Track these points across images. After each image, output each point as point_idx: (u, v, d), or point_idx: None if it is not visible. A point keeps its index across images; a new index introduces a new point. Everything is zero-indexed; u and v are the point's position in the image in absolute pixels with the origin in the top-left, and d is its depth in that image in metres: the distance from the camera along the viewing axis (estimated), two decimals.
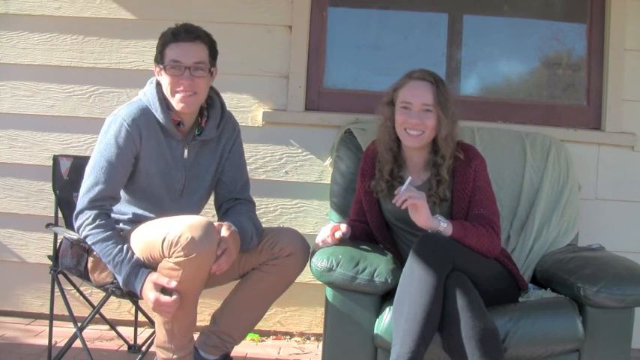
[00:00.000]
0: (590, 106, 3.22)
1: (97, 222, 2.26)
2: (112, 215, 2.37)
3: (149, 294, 2.17)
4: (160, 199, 2.40)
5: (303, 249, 2.39)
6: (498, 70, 3.36)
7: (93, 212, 2.27)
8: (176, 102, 2.35)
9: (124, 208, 2.43)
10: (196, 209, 2.50)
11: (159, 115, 2.34)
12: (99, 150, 2.33)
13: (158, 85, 2.39)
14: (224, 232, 2.23)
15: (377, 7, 3.35)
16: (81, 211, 2.29)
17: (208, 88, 2.42)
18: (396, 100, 2.48)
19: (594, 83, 3.21)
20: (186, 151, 2.42)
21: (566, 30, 3.34)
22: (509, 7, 3.32)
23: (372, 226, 2.57)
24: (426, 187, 2.45)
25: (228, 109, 2.55)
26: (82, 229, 2.28)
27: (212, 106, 2.47)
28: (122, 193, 2.41)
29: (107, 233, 2.26)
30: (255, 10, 3.18)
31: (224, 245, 2.20)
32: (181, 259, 2.10)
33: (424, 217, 2.29)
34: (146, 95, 2.39)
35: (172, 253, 2.11)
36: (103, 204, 2.30)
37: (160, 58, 2.37)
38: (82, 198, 2.31)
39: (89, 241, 2.27)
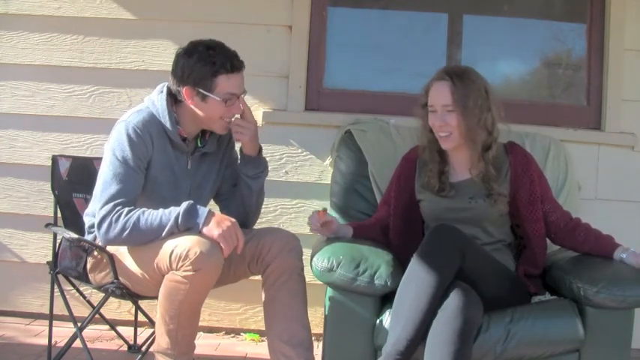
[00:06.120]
0: (590, 106, 3.22)
1: (128, 208, 2.20)
2: None
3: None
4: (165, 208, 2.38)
5: (289, 243, 2.37)
6: (498, 70, 3.35)
7: (119, 207, 2.21)
8: (219, 127, 2.38)
9: None
10: None
11: (168, 127, 2.33)
12: (114, 157, 2.26)
13: (168, 95, 2.36)
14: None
15: (377, 7, 3.35)
16: (106, 216, 2.20)
17: None
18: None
19: (594, 83, 3.20)
20: (189, 162, 2.43)
21: (566, 30, 3.34)
22: (509, 7, 3.32)
23: (398, 229, 2.56)
24: (478, 179, 2.46)
25: None
26: (112, 225, 2.19)
27: None
28: None
29: (141, 209, 2.21)
30: (255, 10, 3.18)
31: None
32: (189, 273, 2.09)
33: None
34: (155, 105, 2.36)
35: (180, 267, 2.10)
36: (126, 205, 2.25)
37: (206, 86, 2.31)
38: (105, 206, 2.21)
39: (128, 226, 2.17)
